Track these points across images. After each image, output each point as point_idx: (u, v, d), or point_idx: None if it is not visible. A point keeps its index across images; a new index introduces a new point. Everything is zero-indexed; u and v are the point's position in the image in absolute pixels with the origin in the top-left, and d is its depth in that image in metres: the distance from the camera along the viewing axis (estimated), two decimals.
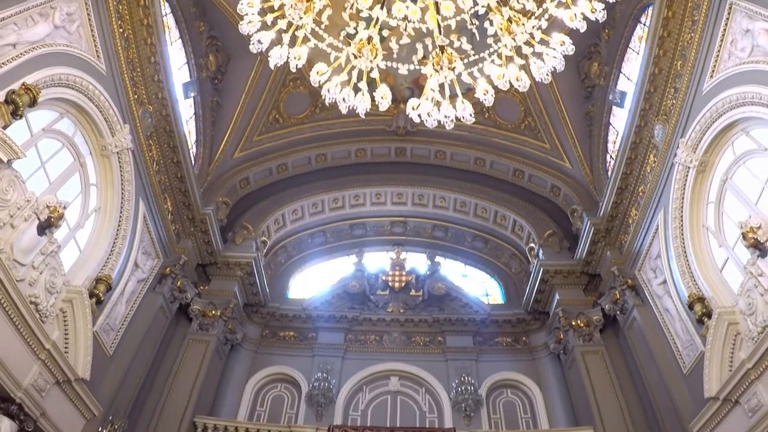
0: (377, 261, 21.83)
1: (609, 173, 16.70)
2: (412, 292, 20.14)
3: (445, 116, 7.62)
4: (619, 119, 16.74)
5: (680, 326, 13.39)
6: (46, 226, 10.70)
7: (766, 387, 10.14)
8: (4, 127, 9.26)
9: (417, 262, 21.56)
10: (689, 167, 12.85)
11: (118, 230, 13.61)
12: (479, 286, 21.85)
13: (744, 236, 10.53)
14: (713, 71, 11.85)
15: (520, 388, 18.17)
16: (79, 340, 11.95)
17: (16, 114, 9.41)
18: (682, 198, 13.21)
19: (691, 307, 12.57)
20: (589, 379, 15.67)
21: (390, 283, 20.27)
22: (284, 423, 16.89)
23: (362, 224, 22.56)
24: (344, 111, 8.03)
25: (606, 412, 14.85)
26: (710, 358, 11.66)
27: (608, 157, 17.75)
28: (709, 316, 11.96)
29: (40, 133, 11.07)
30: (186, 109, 16.76)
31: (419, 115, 7.79)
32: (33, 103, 9.77)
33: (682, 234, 13.22)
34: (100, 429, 12.66)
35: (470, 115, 7.55)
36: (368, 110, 8.04)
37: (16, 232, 10.02)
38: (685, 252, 13.15)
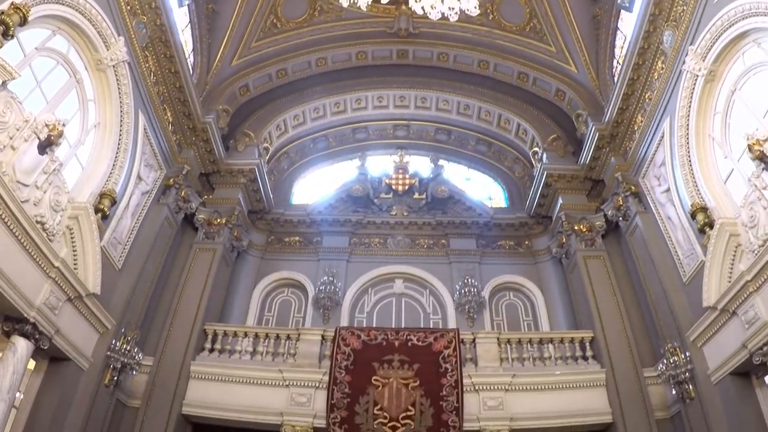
0: (380, 165, 21.80)
1: (615, 78, 16.40)
2: (416, 195, 20.21)
3: (450, 8, 7.39)
4: (628, 24, 16.19)
5: (682, 235, 13.45)
6: (46, 145, 10.63)
7: (764, 300, 10.29)
8: None
9: (420, 165, 21.49)
10: (697, 76, 12.55)
11: (119, 144, 13.51)
12: (482, 190, 21.87)
13: (750, 148, 10.36)
14: None
15: (522, 291, 18.56)
16: (88, 256, 12.11)
17: (6, 35, 9.13)
18: (689, 107, 12.98)
19: (693, 216, 12.56)
20: (590, 284, 15.95)
21: (393, 187, 20.29)
22: (292, 326, 17.36)
23: (365, 128, 22.37)
24: (345, 4, 7.74)
25: (606, 317, 15.20)
26: (710, 268, 11.78)
27: (615, 62, 17.33)
28: (711, 227, 11.98)
29: (33, 53, 10.78)
30: (181, 18, 16.22)
31: (422, 8, 7.55)
32: (23, 22, 9.45)
33: (688, 143, 13.08)
34: (113, 341, 13.03)
35: (474, 7, 7.30)
36: (369, 2, 7.75)
37: (17, 153, 9.95)
38: (689, 161, 13.05)
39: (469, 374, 14.31)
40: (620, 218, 16.11)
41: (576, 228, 17.04)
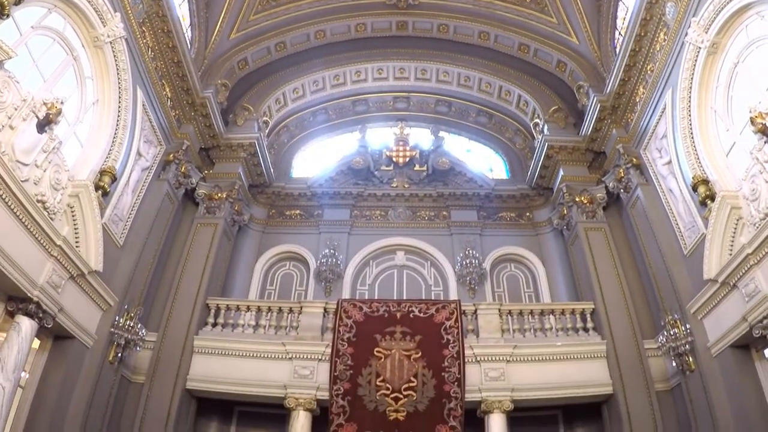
0: (381, 137, 21.73)
1: (617, 50, 16.19)
2: (416, 167, 20.18)
3: None
4: None
5: (683, 207, 13.43)
6: (45, 124, 10.62)
7: (764, 273, 10.31)
8: None
9: (421, 137, 21.42)
10: (700, 48, 12.41)
11: (117, 121, 13.45)
12: (483, 162, 21.79)
13: (752, 121, 10.34)
14: None
15: (523, 262, 18.62)
16: (89, 234, 12.13)
17: (2, 14, 9.07)
18: (691, 79, 12.86)
19: (695, 188, 12.53)
20: (591, 255, 15.97)
21: (394, 159, 20.25)
22: (294, 300, 17.43)
23: (364, 100, 22.22)
24: None
25: (607, 288, 15.25)
26: (711, 240, 11.78)
27: (617, 33, 17.11)
28: (713, 199, 11.95)
29: (29, 31, 10.65)
30: None
31: None
32: (18, 0, 9.38)
33: (690, 115, 12.99)
34: (116, 318, 13.10)
35: None
36: None
37: (15, 132, 9.92)
38: (691, 133, 12.96)
39: (470, 345, 14.37)
40: (621, 190, 16.07)
41: (577, 200, 17.02)
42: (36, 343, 11.26)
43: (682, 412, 13.01)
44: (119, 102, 13.44)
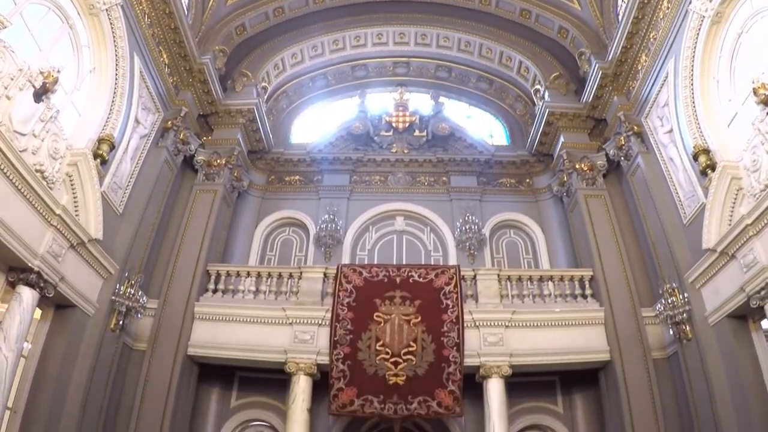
0: (380, 102, 21.54)
1: (620, 17, 15.90)
2: (416, 133, 20.05)
3: None
4: None
5: (683, 176, 13.38)
6: (42, 93, 10.53)
7: (763, 244, 10.32)
8: None
9: (420, 102, 21.24)
10: (704, 16, 12.25)
11: (115, 88, 13.33)
12: (484, 127, 21.63)
13: (755, 92, 10.25)
14: None
15: (522, 228, 18.64)
16: (89, 202, 12.10)
17: None
18: (694, 47, 12.72)
19: (695, 158, 12.49)
20: (590, 222, 15.96)
21: (393, 124, 20.11)
22: (294, 265, 17.45)
23: (364, 65, 21.94)
24: None
25: (606, 256, 15.27)
26: (711, 210, 11.76)
27: (620, 0, 16.85)
28: (713, 169, 11.91)
29: (23, 1, 10.52)
30: None
31: None
32: None
33: (692, 84, 12.87)
34: (117, 286, 13.15)
35: None
36: None
37: (12, 102, 9.82)
38: (693, 102, 12.86)
39: (469, 310, 14.46)
40: (622, 158, 16.00)
41: (577, 167, 16.95)
42: (38, 313, 11.29)
43: (678, 380, 13.14)
44: (116, 70, 13.30)
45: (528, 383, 15.08)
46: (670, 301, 13.06)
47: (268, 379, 15.32)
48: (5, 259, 10.20)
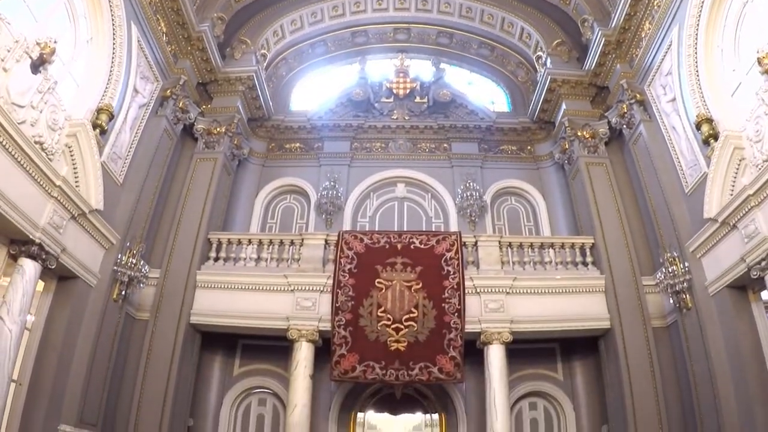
0: (381, 69, 21.27)
1: None
2: (417, 99, 19.86)
3: None
4: None
5: (686, 145, 13.29)
6: (39, 64, 10.44)
7: (765, 215, 10.31)
8: None
9: (421, 69, 20.99)
10: None
11: (113, 58, 13.19)
12: (485, 94, 21.40)
13: (759, 62, 10.16)
14: None
15: (523, 196, 18.61)
16: (89, 172, 12.07)
17: None
18: (699, 16, 12.52)
19: (698, 127, 12.39)
20: (591, 190, 15.89)
21: (394, 91, 19.89)
22: (295, 232, 17.43)
23: (364, 32, 21.54)
24: None
25: (607, 223, 15.24)
26: (713, 179, 11.71)
27: None
28: (716, 139, 11.83)
29: None
30: None
31: None
32: None
33: (696, 53, 12.71)
34: (119, 256, 13.17)
35: None
36: None
37: (9, 75, 9.74)
38: (697, 71, 12.73)
39: (470, 277, 14.48)
40: (624, 126, 15.85)
41: (579, 134, 16.82)
42: (40, 285, 11.32)
43: (677, 348, 13.23)
44: (113, 39, 13.15)
45: (528, 350, 15.22)
46: (670, 270, 13.05)
47: (270, 347, 15.45)
48: (6, 232, 10.22)
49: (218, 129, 17.07)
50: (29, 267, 10.50)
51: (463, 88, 20.81)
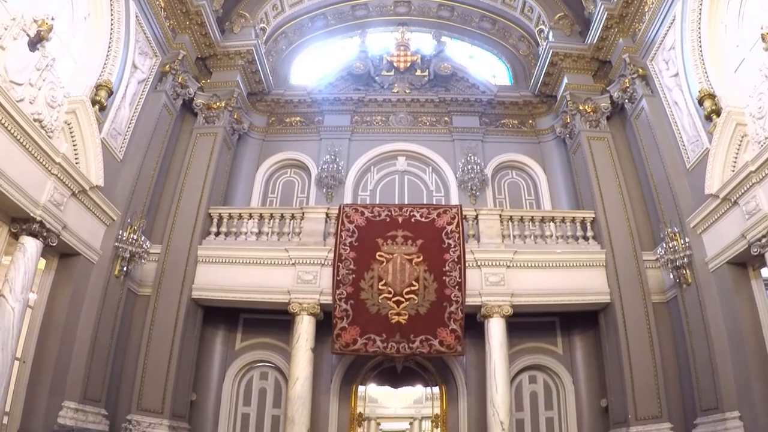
0: (381, 42, 21.02)
1: None
2: (418, 72, 19.66)
3: None
4: None
5: (688, 121, 13.23)
6: (36, 42, 10.41)
7: (766, 191, 10.33)
8: None
9: (422, 42, 20.76)
10: None
11: (111, 34, 13.11)
12: (486, 68, 21.21)
13: (763, 38, 10.11)
14: None
15: (524, 170, 18.53)
16: (88, 149, 12.08)
17: None
18: None
19: (700, 102, 12.35)
20: (593, 165, 15.81)
21: (395, 64, 19.70)
22: (296, 206, 17.42)
23: (364, 4, 21.26)
24: None
25: (608, 198, 15.20)
26: (714, 155, 11.69)
27: None
28: (718, 114, 11.79)
29: None
30: None
31: None
32: None
33: (699, 28, 12.60)
34: (120, 232, 13.22)
35: None
36: None
37: (7, 53, 9.73)
38: (700, 46, 12.63)
39: (471, 250, 14.49)
40: (626, 101, 15.74)
41: (581, 108, 16.68)
42: (42, 263, 11.38)
43: (677, 324, 13.31)
44: (111, 15, 13.05)
45: (528, 324, 15.26)
46: (671, 245, 13.08)
47: (272, 321, 15.53)
48: (7, 210, 10.27)
49: (218, 104, 16.96)
50: (30, 245, 10.55)
51: (465, 62, 20.60)
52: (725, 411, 11.20)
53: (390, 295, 13.92)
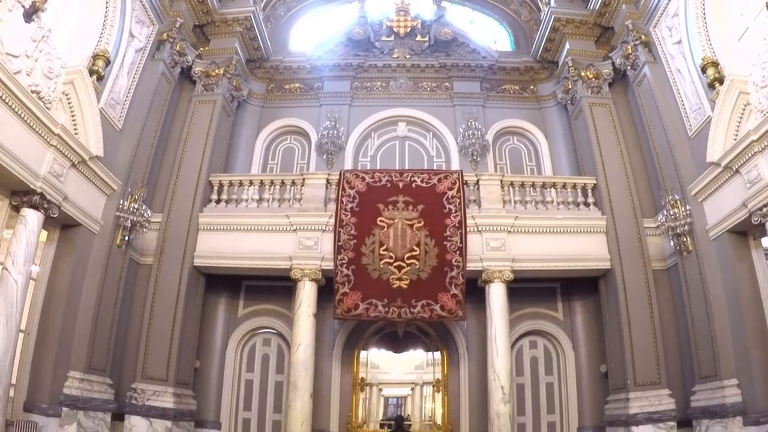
0: (381, 7, 20.64)
1: None
2: (418, 38, 19.38)
3: None
4: None
5: (690, 88, 13.11)
6: (32, 13, 10.35)
7: None
8: None
9: (422, 7, 20.40)
10: None
11: (107, 2, 12.99)
12: (487, 33, 20.90)
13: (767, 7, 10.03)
14: None
15: (526, 135, 18.40)
16: (87, 119, 12.04)
17: None
18: None
19: (703, 70, 12.23)
20: (594, 131, 15.70)
21: (395, 29, 19.39)
22: (296, 172, 17.37)
23: None
24: None
25: (609, 164, 15.12)
26: (717, 123, 11.61)
27: None
28: (721, 82, 11.68)
29: None
30: None
31: None
32: None
33: None
34: (121, 202, 13.23)
35: None
36: None
37: (2, 24, 9.66)
38: (704, 14, 12.45)
39: (472, 215, 14.51)
40: (628, 67, 15.57)
41: (582, 74, 16.51)
42: (44, 235, 11.44)
43: (677, 291, 13.36)
44: None
45: (529, 289, 15.37)
46: (671, 212, 13.07)
47: (274, 287, 15.62)
48: (7, 183, 10.31)
49: (216, 71, 16.81)
50: (32, 217, 10.60)
51: (465, 27, 20.32)
52: (723, 378, 11.30)
53: (391, 260, 13.97)
